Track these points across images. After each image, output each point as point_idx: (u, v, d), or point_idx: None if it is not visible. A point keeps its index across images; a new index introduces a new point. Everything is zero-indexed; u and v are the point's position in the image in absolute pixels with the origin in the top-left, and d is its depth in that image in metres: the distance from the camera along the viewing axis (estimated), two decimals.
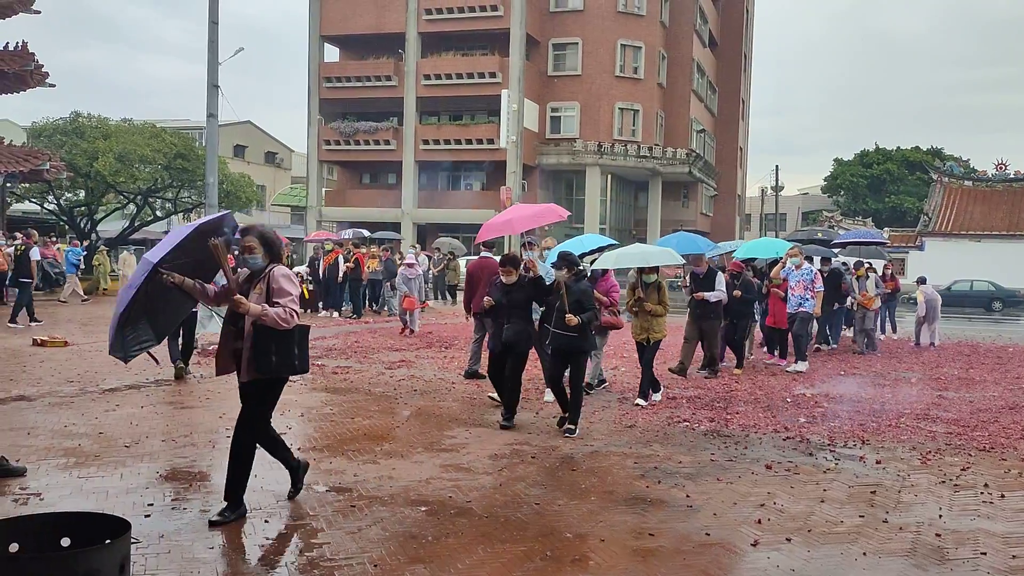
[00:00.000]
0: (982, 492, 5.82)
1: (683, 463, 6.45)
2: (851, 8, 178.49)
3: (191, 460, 6.13)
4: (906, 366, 13.00)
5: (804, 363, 11.85)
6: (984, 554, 4.60)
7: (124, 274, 23.59)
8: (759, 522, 5.05)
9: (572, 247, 9.47)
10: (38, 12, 21.05)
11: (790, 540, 4.74)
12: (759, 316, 12.86)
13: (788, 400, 9.40)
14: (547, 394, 8.50)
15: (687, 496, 5.57)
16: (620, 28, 40.45)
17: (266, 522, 4.85)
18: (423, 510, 5.13)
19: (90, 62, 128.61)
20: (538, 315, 7.98)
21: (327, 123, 41.46)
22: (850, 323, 15.36)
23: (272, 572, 4.15)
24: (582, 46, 40.49)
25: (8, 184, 24.10)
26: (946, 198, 39.13)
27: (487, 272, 9.70)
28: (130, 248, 30.51)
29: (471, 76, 38.85)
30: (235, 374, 4.87)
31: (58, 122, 34.24)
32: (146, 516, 4.85)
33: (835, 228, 31.29)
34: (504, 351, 7.61)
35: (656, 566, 4.34)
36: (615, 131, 40.48)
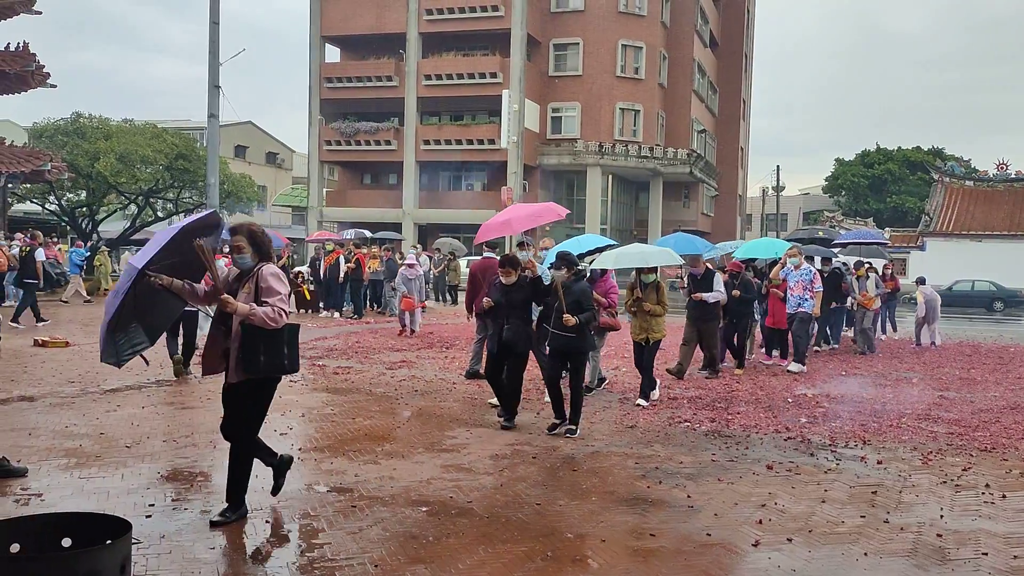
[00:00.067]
0: (983, 492, 5.82)
1: (684, 463, 6.45)
2: (852, 8, 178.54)
3: (192, 461, 6.14)
4: (907, 366, 12.99)
5: (798, 365, 11.70)
6: (985, 554, 4.59)
7: None
8: (760, 522, 5.05)
9: (570, 247, 9.41)
10: (39, 12, 21.10)
11: (791, 540, 4.74)
12: (759, 316, 12.84)
13: (789, 400, 9.40)
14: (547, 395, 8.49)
15: (688, 496, 5.57)
16: (621, 28, 40.44)
17: (267, 522, 4.86)
18: (424, 510, 5.13)
19: (91, 62, 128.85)
20: (536, 315, 7.97)
21: (328, 123, 41.46)
22: (851, 323, 15.36)
23: (273, 572, 4.16)
24: (583, 46, 40.48)
25: (9, 185, 24.12)
26: (947, 198, 39.12)
27: (490, 272, 9.69)
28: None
29: (472, 76, 38.84)
30: (224, 375, 4.81)
31: (59, 122, 34.27)
32: (147, 516, 4.85)
33: (836, 228, 31.25)
34: (503, 352, 7.61)
35: (657, 566, 4.34)
36: (616, 131, 40.46)
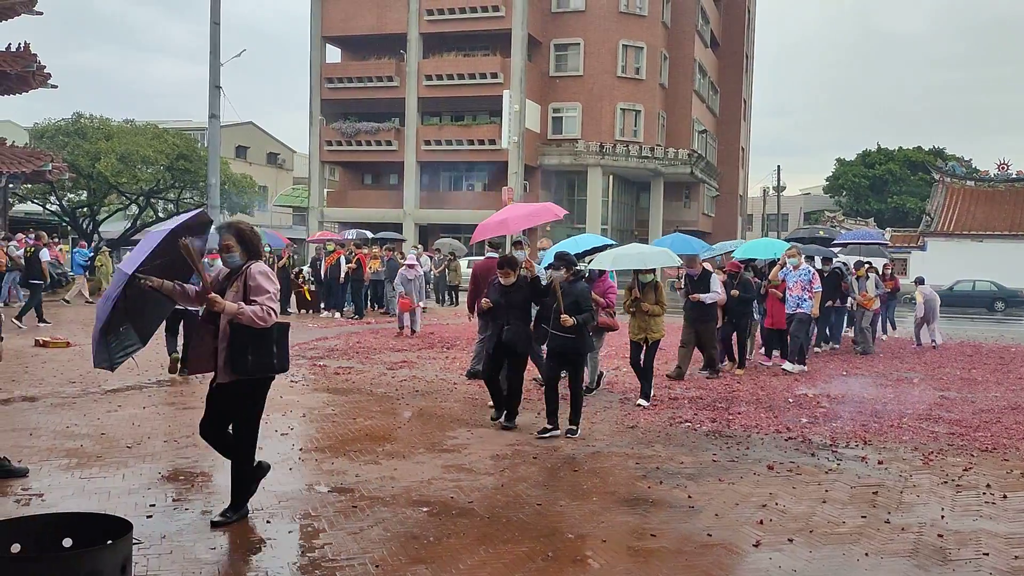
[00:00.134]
0: (984, 492, 5.82)
1: (685, 464, 6.45)
2: (853, 8, 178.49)
3: (193, 461, 6.14)
4: (908, 366, 12.99)
5: (793, 365, 11.64)
6: (986, 555, 4.59)
7: None
8: (761, 523, 5.05)
9: (568, 247, 9.34)
10: (40, 13, 21.11)
11: (792, 541, 4.74)
12: (759, 316, 12.79)
13: (790, 401, 9.40)
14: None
15: (689, 497, 5.57)
16: (622, 29, 40.41)
17: (268, 523, 4.86)
18: (425, 511, 5.13)
19: (92, 63, 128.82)
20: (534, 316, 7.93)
21: (329, 124, 41.45)
22: (852, 323, 15.34)
23: (274, 573, 4.15)
24: (584, 47, 40.45)
25: (10, 185, 24.13)
26: (948, 198, 39.11)
27: (493, 272, 9.68)
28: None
29: (473, 77, 38.83)
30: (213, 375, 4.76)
31: (60, 123, 34.32)
32: (148, 517, 4.85)
33: (837, 228, 31.22)
34: (503, 353, 7.60)
35: (658, 567, 4.34)
36: (617, 131, 40.43)
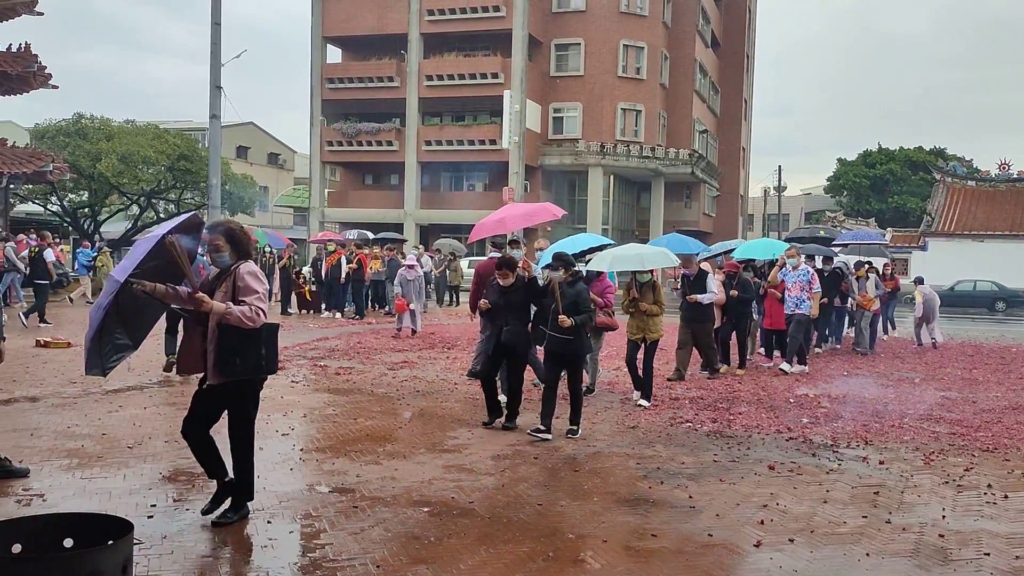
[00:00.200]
0: (985, 493, 5.82)
1: (686, 464, 6.45)
2: (853, 8, 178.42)
3: (194, 461, 6.06)
4: (909, 366, 12.98)
5: (789, 366, 11.60)
6: (987, 555, 4.59)
7: None
8: (762, 523, 5.05)
9: (565, 247, 9.33)
10: (41, 13, 21.11)
11: (793, 541, 4.74)
12: (758, 316, 12.76)
13: (791, 401, 9.39)
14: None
15: (690, 497, 5.57)
16: (622, 29, 40.40)
17: (269, 523, 4.86)
18: (425, 511, 5.13)
19: (93, 63, 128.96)
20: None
21: (329, 124, 41.45)
22: (852, 323, 15.31)
23: (275, 573, 4.15)
24: (584, 47, 40.44)
25: (11, 186, 24.13)
26: (949, 198, 39.08)
27: (495, 272, 9.67)
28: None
29: (473, 77, 38.82)
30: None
31: (61, 123, 34.34)
32: (149, 517, 4.86)
33: (838, 228, 31.20)
34: (501, 353, 7.59)
35: (658, 567, 4.34)
36: (617, 131, 40.42)
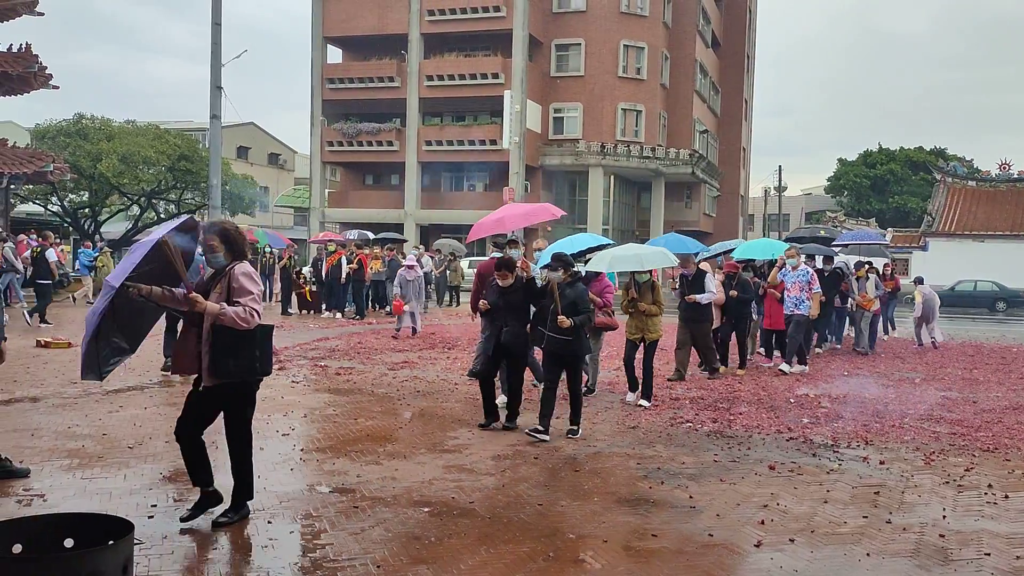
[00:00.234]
0: (986, 493, 5.82)
1: (686, 464, 6.45)
2: (853, 8, 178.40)
3: None
4: (910, 366, 12.98)
5: (791, 367, 11.60)
6: (988, 555, 4.59)
7: None
8: (762, 523, 5.05)
9: (563, 247, 9.32)
10: (42, 14, 21.13)
11: (793, 541, 4.74)
12: (757, 316, 12.74)
13: (791, 401, 9.39)
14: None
15: (690, 497, 5.57)
16: (623, 29, 40.40)
17: (269, 523, 4.86)
18: (426, 511, 5.13)
19: (93, 63, 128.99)
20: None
21: (330, 124, 41.45)
22: (853, 323, 15.30)
23: (276, 573, 4.15)
24: (585, 47, 40.44)
25: (12, 186, 24.15)
26: (950, 198, 39.07)
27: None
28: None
29: (474, 77, 38.82)
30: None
31: (62, 124, 34.36)
32: (149, 517, 4.86)
33: (839, 228, 31.17)
34: (501, 354, 7.58)
35: (659, 567, 4.34)
36: (618, 132, 40.41)
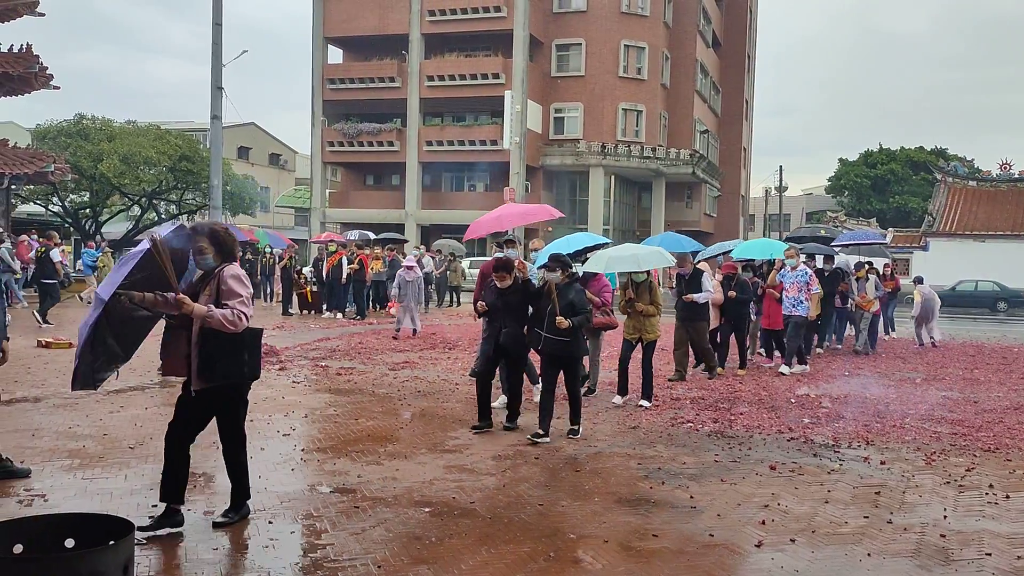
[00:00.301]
0: (987, 493, 5.82)
1: (687, 464, 6.45)
2: (853, 8, 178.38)
3: (194, 462, 6.06)
4: (910, 367, 12.97)
5: (790, 368, 11.59)
6: (989, 555, 4.59)
7: None
8: (763, 523, 5.05)
9: (560, 247, 9.32)
10: (43, 14, 21.13)
11: (794, 541, 4.74)
12: (755, 316, 12.72)
13: (792, 401, 9.39)
14: (536, 393, 8.17)
15: (691, 497, 5.57)
16: (623, 29, 40.40)
17: (270, 523, 4.86)
18: (427, 511, 5.13)
19: (94, 64, 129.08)
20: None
21: (331, 124, 41.45)
22: (852, 323, 15.27)
23: (276, 573, 4.15)
24: (585, 47, 40.44)
25: (13, 186, 24.15)
26: (950, 198, 39.05)
27: None
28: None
29: (474, 77, 38.82)
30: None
31: (62, 124, 34.35)
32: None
33: (839, 228, 31.16)
34: (500, 355, 7.57)
35: (659, 567, 4.34)
36: (618, 132, 40.41)
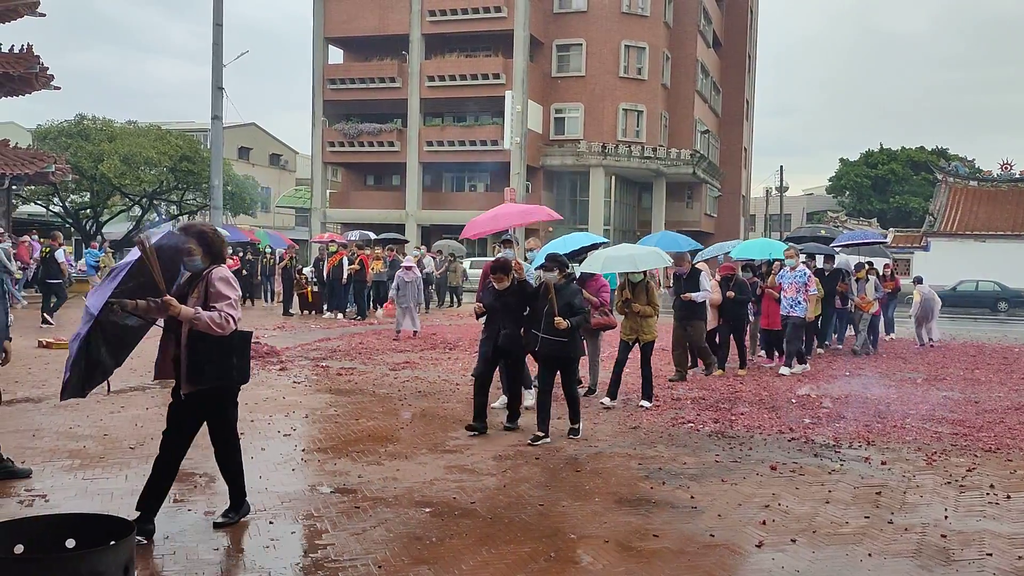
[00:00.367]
0: (988, 493, 5.81)
1: (687, 464, 6.45)
2: (854, 8, 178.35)
3: (195, 462, 6.12)
4: (911, 367, 12.97)
5: (790, 369, 11.58)
6: (990, 555, 4.59)
7: None
8: (764, 523, 5.05)
9: (556, 247, 9.31)
10: (43, 15, 21.13)
11: (795, 541, 4.74)
12: (753, 316, 12.71)
13: (793, 401, 9.39)
14: (527, 397, 8.12)
15: (691, 497, 5.57)
16: (624, 29, 40.40)
17: (270, 523, 4.86)
18: (427, 511, 5.13)
19: (95, 64, 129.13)
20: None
21: (331, 125, 41.46)
22: (851, 323, 15.26)
23: (277, 573, 4.15)
24: (586, 47, 40.45)
25: (14, 187, 24.17)
26: (951, 198, 39.03)
27: None
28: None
29: (475, 77, 38.83)
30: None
31: (63, 124, 34.34)
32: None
33: (840, 228, 31.13)
34: (498, 356, 7.57)
35: (660, 567, 4.34)
36: (619, 132, 40.41)
